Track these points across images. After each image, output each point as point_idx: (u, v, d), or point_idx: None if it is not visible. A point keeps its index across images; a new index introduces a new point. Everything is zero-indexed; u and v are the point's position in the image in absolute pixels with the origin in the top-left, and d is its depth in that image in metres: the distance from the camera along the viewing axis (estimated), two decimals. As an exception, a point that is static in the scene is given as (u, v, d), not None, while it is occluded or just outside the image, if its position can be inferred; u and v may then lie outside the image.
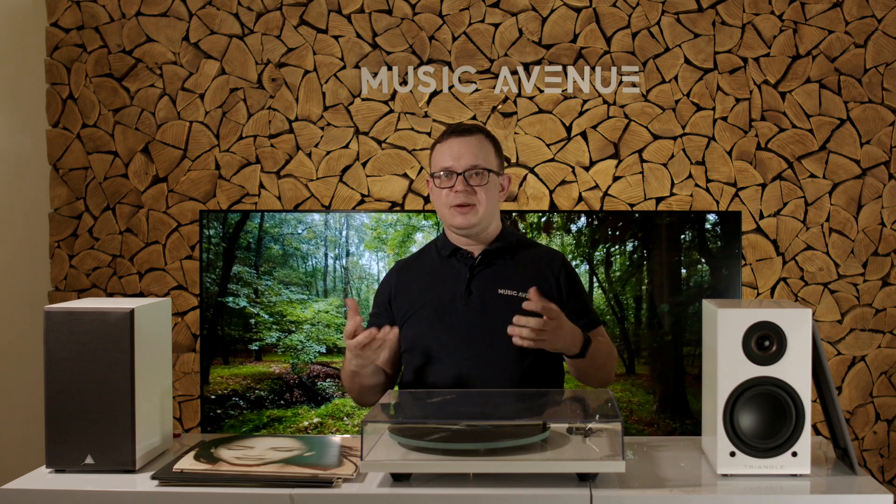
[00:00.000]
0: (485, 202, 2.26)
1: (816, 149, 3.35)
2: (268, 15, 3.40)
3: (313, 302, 3.24)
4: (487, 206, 2.27)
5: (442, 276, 2.32)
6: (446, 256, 2.34)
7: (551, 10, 3.36)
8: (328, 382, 3.25)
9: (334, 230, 3.25)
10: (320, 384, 3.25)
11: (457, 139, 2.28)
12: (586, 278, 3.16)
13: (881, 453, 3.37)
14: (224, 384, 3.21)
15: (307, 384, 3.24)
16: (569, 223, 3.19)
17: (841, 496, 1.71)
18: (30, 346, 3.31)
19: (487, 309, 2.26)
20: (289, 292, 3.23)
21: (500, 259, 2.32)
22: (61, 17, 3.44)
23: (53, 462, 1.84)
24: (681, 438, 2.16)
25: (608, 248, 3.17)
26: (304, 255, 3.24)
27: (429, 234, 3.16)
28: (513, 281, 2.29)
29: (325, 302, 3.24)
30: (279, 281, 3.23)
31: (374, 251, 3.22)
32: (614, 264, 3.17)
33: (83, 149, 3.45)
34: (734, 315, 1.78)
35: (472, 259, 2.31)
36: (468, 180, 2.24)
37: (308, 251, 3.24)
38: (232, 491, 1.73)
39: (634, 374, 3.17)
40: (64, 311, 1.84)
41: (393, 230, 3.22)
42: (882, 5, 3.31)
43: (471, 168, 2.25)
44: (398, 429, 1.85)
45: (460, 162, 2.25)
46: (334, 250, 3.24)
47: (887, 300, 3.35)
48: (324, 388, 3.24)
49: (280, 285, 3.23)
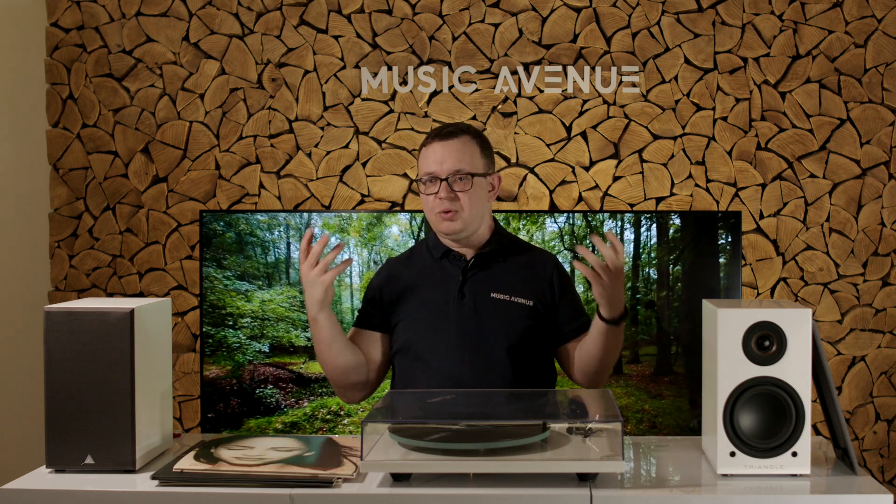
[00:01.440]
0: (469, 207, 2.23)
1: (816, 149, 3.35)
2: (268, 15, 3.40)
3: (257, 291, 3.03)
4: (472, 211, 2.24)
5: (434, 277, 2.31)
6: (438, 258, 2.32)
7: (551, 10, 3.36)
8: (273, 390, 2.98)
9: (297, 217, 3.12)
10: (265, 391, 3.00)
11: (440, 143, 2.25)
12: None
13: (881, 453, 3.37)
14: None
15: (247, 391, 2.99)
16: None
17: (841, 496, 1.71)
18: (30, 346, 3.31)
19: (480, 312, 2.25)
20: (237, 283, 3.02)
21: (493, 262, 2.31)
22: (61, 17, 3.44)
23: (53, 462, 1.84)
24: (681, 438, 2.16)
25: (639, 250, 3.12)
26: (264, 244, 3.11)
27: (398, 220, 3.09)
28: (506, 284, 2.28)
29: (273, 291, 3.05)
30: (227, 270, 3.04)
31: (334, 233, 3.10)
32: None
33: (83, 149, 3.45)
34: (734, 315, 1.78)
35: (465, 262, 2.30)
36: (451, 186, 2.22)
37: (269, 240, 3.10)
38: (232, 491, 1.73)
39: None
40: (64, 311, 1.84)
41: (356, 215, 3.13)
42: (882, 5, 3.31)
43: (454, 173, 2.22)
44: (398, 429, 1.85)
45: (443, 167, 2.23)
46: (296, 237, 3.07)
47: (887, 300, 3.35)
48: (268, 396, 2.96)
49: (227, 275, 3.02)
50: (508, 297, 2.26)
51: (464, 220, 2.24)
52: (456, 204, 2.22)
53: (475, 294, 2.27)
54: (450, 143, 2.25)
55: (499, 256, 2.31)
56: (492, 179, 2.30)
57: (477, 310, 2.25)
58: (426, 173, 2.25)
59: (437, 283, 2.30)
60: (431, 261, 2.33)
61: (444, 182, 2.22)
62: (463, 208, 2.23)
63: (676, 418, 3.10)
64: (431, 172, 2.24)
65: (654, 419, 3.10)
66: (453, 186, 2.22)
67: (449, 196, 2.22)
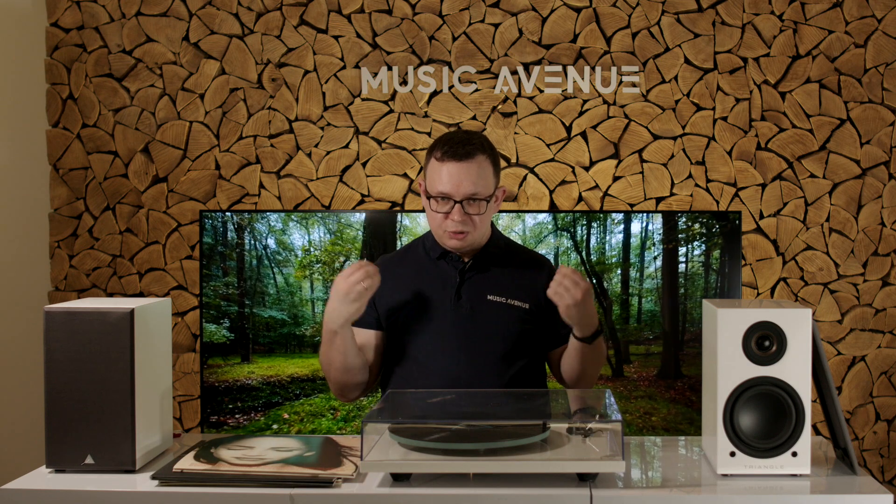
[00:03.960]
0: (479, 227, 2.23)
1: (816, 149, 3.35)
2: (268, 15, 3.40)
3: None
4: (481, 229, 2.24)
5: (431, 278, 2.30)
6: (435, 258, 2.32)
7: (551, 10, 3.36)
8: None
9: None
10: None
11: (456, 165, 2.19)
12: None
13: (881, 453, 3.37)
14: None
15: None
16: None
17: (841, 496, 1.71)
18: (30, 346, 3.31)
19: (476, 314, 2.25)
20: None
21: (491, 265, 2.30)
22: (61, 17, 3.44)
23: (53, 462, 1.84)
24: (681, 438, 2.17)
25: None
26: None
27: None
28: (502, 287, 2.28)
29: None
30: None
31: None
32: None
33: (83, 149, 3.45)
34: (734, 315, 1.78)
35: (463, 264, 2.30)
36: (465, 208, 2.19)
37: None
38: (232, 491, 1.73)
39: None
40: (64, 311, 1.84)
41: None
42: (882, 5, 3.31)
43: (469, 197, 2.19)
44: (398, 429, 1.85)
45: (459, 190, 2.18)
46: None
47: (887, 300, 3.35)
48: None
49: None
50: (505, 300, 2.26)
51: (472, 239, 2.24)
52: (468, 226, 2.21)
53: (472, 296, 2.26)
54: (467, 166, 2.19)
55: (496, 259, 2.31)
56: (498, 192, 2.29)
57: (474, 312, 2.25)
58: (439, 192, 2.20)
59: (433, 283, 2.29)
60: (428, 261, 2.32)
61: (458, 205, 2.19)
62: (475, 229, 2.22)
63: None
64: (446, 193, 2.19)
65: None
66: (467, 209, 2.20)
67: (462, 219, 2.19)
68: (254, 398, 3.16)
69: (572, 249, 3.15)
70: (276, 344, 3.19)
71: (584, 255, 3.13)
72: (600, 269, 3.14)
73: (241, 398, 3.16)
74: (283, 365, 3.19)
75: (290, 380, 3.18)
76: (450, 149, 2.20)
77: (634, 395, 3.14)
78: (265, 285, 3.19)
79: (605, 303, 3.13)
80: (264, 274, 3.19)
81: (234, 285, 3.17)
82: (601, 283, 3.15)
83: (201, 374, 3.22)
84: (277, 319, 3.18)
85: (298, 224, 3.19)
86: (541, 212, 3.26)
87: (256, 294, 3.17)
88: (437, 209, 2.22)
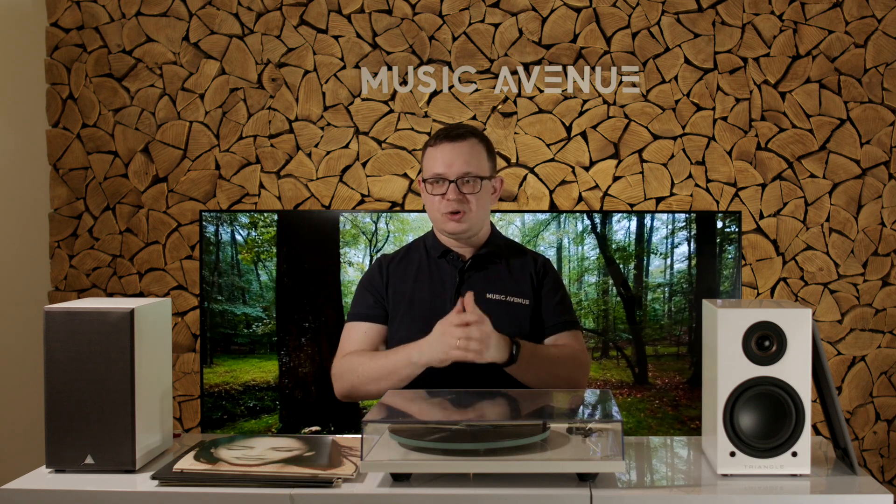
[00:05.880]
0: (476, 209, 2.25)
1: (816, 149, 3.35)
2: (268, 15, 3.40)
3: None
4: (478, 213, 2.27)
5: (431, 276, 2.33)
6: (437, 257, 2.34)
7: (551, 10, 3.36)
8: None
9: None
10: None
11: (448, 145, 2.26)
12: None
13: (881, 453, 3.37)
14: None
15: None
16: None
17: (841, 496, 1.71)
18: (30, 346, 3.31)
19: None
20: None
21: (490, 263, 2.33)
22: (61, 17, 3.44)
23: (53, 462, 1.85)
24: (681, 438, 2.17)
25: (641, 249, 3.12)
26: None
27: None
28: (501, 285, 2.31)
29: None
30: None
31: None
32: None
33: (83, 149, 3.45)
34: (734, 315, 1.79)
35: (463, 262, 2.32)
36: (460, 188, 2.24)
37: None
38: (232, 491, 1.73)
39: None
40: (64, 311, 1.84)
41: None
42: (882, 5, 3.31)
43: (463, 175, 2.24)
44: (398, 429, 1.85)
45: (452, 169, 2.24)
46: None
47: (887, 300, 3.35)
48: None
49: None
50: (504, 298, 2.29)
51: (471, 221, 2.27)
52: (464, 206, 2.25)
53: (472, 294, 2.27)
54: (458, 145, 2.26)
55: (495, 258, 2.34)
56: (495, 182, 2.34)
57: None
58: (434, 174, 2.26)
59: (433, 281, 2.32)
60: (429, 260, 2.35)
61: (453, 184, 2.24)
62: (471, 210, 2.25)
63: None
64: (440, 174, 2.25)
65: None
66: (462, 188, 2.24)
67: (458, 198, 2.24)
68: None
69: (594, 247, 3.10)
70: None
71: (606, 253, 3.10)
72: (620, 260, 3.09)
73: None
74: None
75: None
76: (443, 133, 2.29)
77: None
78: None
79: (626, 294, 3.08)
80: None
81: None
82: (622, 280, 3.08)
83: (201, 375, 3.22)
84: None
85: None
86: (541, 212, 3.26)
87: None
88: (433, 192, 2.26)
